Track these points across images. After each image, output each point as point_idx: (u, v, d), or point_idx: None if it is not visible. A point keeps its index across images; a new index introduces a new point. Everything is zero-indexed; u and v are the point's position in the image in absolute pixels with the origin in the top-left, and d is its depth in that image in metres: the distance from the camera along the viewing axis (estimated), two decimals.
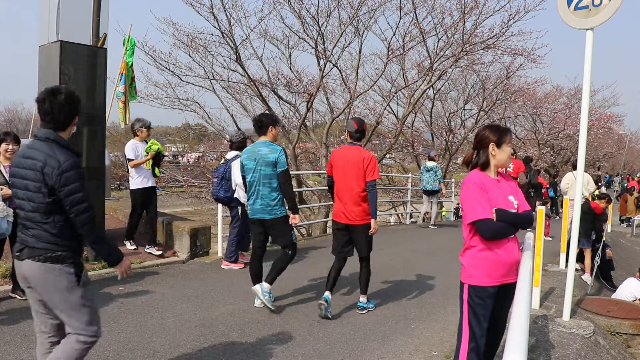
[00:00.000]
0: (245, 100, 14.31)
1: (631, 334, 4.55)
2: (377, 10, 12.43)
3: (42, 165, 2.31)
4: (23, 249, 2.40)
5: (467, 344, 2.64)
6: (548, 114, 20.37)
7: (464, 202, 2.64)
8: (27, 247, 2.38)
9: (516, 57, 14.43)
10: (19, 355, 3.41)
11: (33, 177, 2.33)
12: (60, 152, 2.37)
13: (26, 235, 2.40)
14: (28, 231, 2.39)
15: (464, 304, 2.67)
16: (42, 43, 6.32)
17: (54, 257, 2.36)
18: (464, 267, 2.70)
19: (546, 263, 6.66)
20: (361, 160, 4.35)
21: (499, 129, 2.75)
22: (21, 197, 2.40)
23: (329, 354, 3.64)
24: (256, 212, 4.50)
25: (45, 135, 2.40)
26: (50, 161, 2.31)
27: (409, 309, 4.80)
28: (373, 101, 17.43)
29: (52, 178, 2.30)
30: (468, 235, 2.68)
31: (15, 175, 2.41)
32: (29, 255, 2.36)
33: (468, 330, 2.64)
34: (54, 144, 2.39)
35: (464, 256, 2.72)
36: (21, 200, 2.40)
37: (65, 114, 2.44)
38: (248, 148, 4.60)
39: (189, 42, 12.25)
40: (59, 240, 2.37)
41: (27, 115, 35.65)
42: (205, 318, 4.29)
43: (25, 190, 2.37)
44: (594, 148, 28.41)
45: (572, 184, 9.50)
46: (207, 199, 13.95)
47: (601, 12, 3.90)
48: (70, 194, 2.33)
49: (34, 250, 2.36)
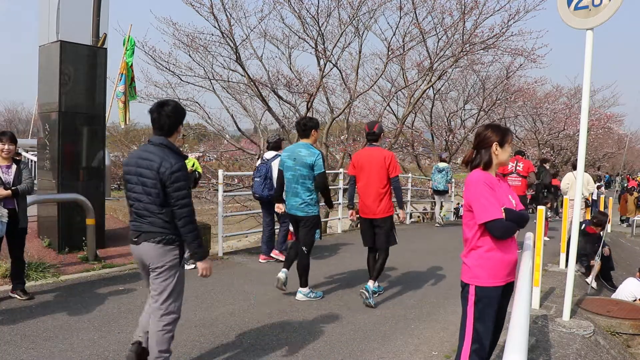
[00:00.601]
0: (245, 100, 14.31)
1: (631, 334, 4.55)
2: (377, 10, 12.43)
3: (158, 165, 2.79)
4: (139, 234, 2.90)
5: (470, 345, 2.62)
6: (548, 114, 20.37)
7: (474, 202, 2.60)
8: (143, 233, 2.88)
9: (516, 57, 14.44)
10: (19, 355, 3.41)
11: (150, 175, 2.81)
12: (171, 155, 2.86)
13: (141, 223, 2.89)
14: (144, 219, 2.88)
15: (470, 305, 2.64)
16: (42, 43, 6.32)
17: (165, 239, 2.88)
18: (469, 268, 2.67)
19: (546, 263, 6.66)
20: (383, 158, 4.80)
21: (500, 129, 2.75)
22: (138, 191, 2.87)
23: (329, 354, 3.63)
24: (291, 209, 4.85)
25: (159, 141, 2.90)
26: (165, 162, 2.80)
27: (409, 309, 4.79)
28: (373, 101, 17.46)
29: (165, 176, 2.78)
30: (474, 235, 2.65)
31: (131, 173, 2.90)
32: (146, 239, 2.87)
33: (472, 332, 2.62)
34: (166, 148, 2.89)
35: (469, 257, 2.68)
36: (138, 194, 2.87)
37: (171, 123, 2.91)
38: (290, 147, 4.93)
39: (189, 42, 12.25)
40: (169, 227, 2.87)
41: (27, 115, 35.66)
42: (205, 318, 4.29)
43: (143, 185, 2.84)
44: (594, 148, 28.41)
45: (572, 184, 9.50)
46: (207, 199, 13.94)
47: (601, 12, 3.90)
48: (177, 190, 2.81)
49: (149, 234, 2.87)
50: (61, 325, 3.97)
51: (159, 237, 2.86)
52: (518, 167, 8.07)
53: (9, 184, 4.40)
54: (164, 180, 2.79)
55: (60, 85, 5.96)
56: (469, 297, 2.66)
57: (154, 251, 2.87)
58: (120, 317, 4.23)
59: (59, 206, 6.02)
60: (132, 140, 32.73)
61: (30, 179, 4.55)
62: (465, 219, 2.73)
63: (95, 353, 3.48)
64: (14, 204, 4.43)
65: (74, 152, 6.12)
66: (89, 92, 6.26)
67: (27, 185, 4.49)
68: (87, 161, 6.25)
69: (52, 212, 6.13)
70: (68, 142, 6.05)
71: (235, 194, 13.03)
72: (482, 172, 2.71)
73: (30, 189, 4.54)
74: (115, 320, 4.14)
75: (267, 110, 13.32)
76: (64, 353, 3.47)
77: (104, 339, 3.73)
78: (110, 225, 7.38)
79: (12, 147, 4.46)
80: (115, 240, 6.80)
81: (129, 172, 2.92)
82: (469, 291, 2.65)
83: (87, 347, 3.57)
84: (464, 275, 2.71)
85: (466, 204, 2.71)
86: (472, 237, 2.67)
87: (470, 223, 2.68)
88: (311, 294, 4.95)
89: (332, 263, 6.65)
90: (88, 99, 6.25)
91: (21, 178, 4.48)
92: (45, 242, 6.20)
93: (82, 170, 6.19)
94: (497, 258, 2.62)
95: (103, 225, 6.50)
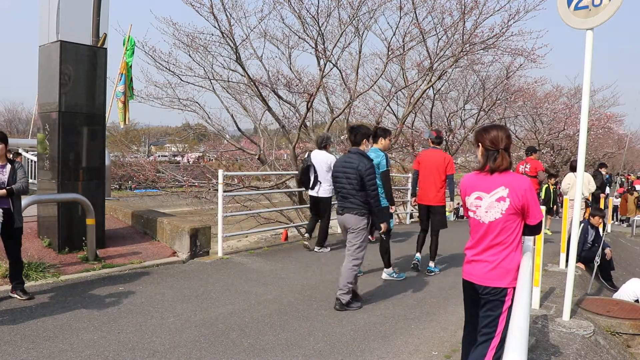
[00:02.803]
0: (245, 100, 14.29)
1: (631, 334, 4.55)
2: (377, 10, 12.40)
3: (357, 165, 4.49)
4: (344, 209, 4.61)
5: (498, 348, 2.59)
6: (548, 114, 20.34)
7: (534, 204, 2.64)
8: (346, 208, 4.58)
9: (516, 57, 14.41)
10: (19, 355, 3.41)
11: (352, 172, 4.50)
12: (364, 158, 4.57)
13: (344, 202, 4.60)
14: (346, 200, 4.58)
15: (505, 308, 2.61)
16: (42, 43, 6.32)
17: (360, 212, 4.54)
18: (509, 271, 2.63)
19: (546, 263, 6.66)
20: (442, 159, 6.18)
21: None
22: (344, 182, 4.56)
23: (329, 354, 3.63)
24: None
25: (355, 150, 4.67)
26: (361, 164, 4.49)
27: (409, 309, 4.79)
28: (373, 101, 17.43)
29: (362, 172, 4.45)
30: (515, 238, 2.65)
31: (339, 171, 4.62)
32: (348, 212, 4.57)
33: (500, 339, 2.59)
34: (360, 154, 4.61)
35: (507, 260, 2.64)
36: (343, 184, 4.57)
37: (360, 139, 4.72)
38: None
39: (189, 42, 12.23)
40: (362, 205, 4.53)
41: (27, 115, 35.63)
42: (205, 318, 4.29)
43: (347, 178, 4.53)
44: (594, 148, 28.37)
45: (572, 184, 9.52)
46: (207, 199, 13.93)
47: (601, 12, 3.90)
48: (370, 180, 4.47)
49: (350, 209, 4.55)
50: (61, 325, 3.98)
51: (355, 210, 4.53)
52: (526, 168, 8.80)
53: (3, 183, 4.40)
54: (362, 175, 4.44)
55: (60, 85, 5.96)
56: (506, 300, 2.62)
57: (353, 219, 4.55)
58: (120, 317, 4.23)
59: (58, 206, 6.02)
60: (132, 140, 32.71)
61: (25, 179, 4.54)
62: (506, 222, 2.65)
63: (95, 353, 3.48)
64: (9, 204, 4.43)
65: (74, 152, 6.12)
66: (89, 92, 6.26)
67: (22, 184, 4.48)
68: (87, 161, 6.24)
69: (52, 212, 6.13)
70: (68, 142, 6.05)
71: (235, 194, 13.02)
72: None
73: (26, 188, 4.53)
74: (115, 320, 4.14)
75: (267, 110, 13.31)
76: (64, 353, 3.47)
77: (104, 339, 3.73)
78: (110, 225, 7.38)
79: (0, 147, 4.42)
80: (115, 240, 6.80)
81: (338, 170, 4.64)
82: (508, 294, 2.62)
83: (87, 347, 3.57)
84: (500, 280, 2.65)
85: (517, 206, 2.62)
86: (514, 240, 2.66)
87: (513, 226, 2.66)
88: (394, 274, 5.86)
89: (331, 263, 6.65)
90: (88, 99, 6.25)
91: (16, 177, 4.47)
92: (45, 242, 6.20)
93: (82, 170, 6.19)
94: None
95: (103, 225, 6.50)
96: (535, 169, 8.77)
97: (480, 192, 2.71)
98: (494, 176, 2.67)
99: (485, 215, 2.69)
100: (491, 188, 2.66)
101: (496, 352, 2.59)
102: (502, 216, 2.64)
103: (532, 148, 9.35)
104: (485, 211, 2.69)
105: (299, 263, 6.61)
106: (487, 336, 2.65)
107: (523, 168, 8.86)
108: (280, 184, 14.04)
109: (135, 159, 17.60)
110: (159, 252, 6.46)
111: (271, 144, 15.97)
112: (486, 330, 2.66)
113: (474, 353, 2.71)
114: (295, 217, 15.52)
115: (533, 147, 9.63)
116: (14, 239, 4.58)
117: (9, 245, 4.58)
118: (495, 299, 2.64)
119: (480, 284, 2.69)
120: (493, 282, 2.65)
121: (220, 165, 18.39)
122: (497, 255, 2.66)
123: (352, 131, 4.83)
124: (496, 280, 2.64)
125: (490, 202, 2.66)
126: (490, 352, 2.61)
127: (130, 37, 7.21)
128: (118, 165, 16.66)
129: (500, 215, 2.64)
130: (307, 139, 15.40)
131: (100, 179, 6.42)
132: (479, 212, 2.72)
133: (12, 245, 4.60)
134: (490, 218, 2.67)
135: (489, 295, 2.66)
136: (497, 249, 2.66)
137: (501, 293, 2.63)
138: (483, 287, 2.68)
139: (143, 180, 14.81)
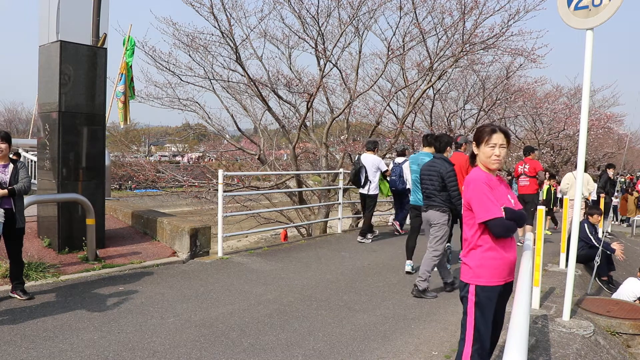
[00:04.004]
0: (245, 100, 14.30)
1: (631, 334, 4.55)
2: (377, 10, 12.41)
3: (439, 169, 5.12)
4: (428, 206, 5.22)
5: (472, 345, 2.62)
6: (548, 114, 20.33)
7: (474, 201, 2.61)
8: (430, 205, 5.19)
9: (516, 57, 14.39)
10: (19, 355, 3.41)
11: (435, 175, 5.14)
12: (446, 163, 5.17)
13: (428, 201, 5.22)
14: (430, 199, 5.20)
15: (470, 305, 2.65)
16: (42, 43, 6.32)
17: (441, 209, 5.16)
18: (470, 268, 2.67)
19: (546, 263, 6.66)
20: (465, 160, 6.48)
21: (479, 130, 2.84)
22: (429, 184, 5.19)
23: (329, 354, 3.63)
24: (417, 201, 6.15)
25: (439, 156, 5.28)
26: (442, 168, 5.11)
27: (409, 309, 4.80)
28: (373, 101, 17.42)
29: (444, 174, 5.08)
30: (474, 235, 2.66)
31: (425, 174, 5.25)
32: (432, 209, 5.18)
33: (473, 332, 2.62)
34: (443, 160, 5.23)
35: (469, 256, 2.69)
36: (428, 185, 5.20)
37: (443, 147, 5.38)
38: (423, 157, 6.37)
39: (189, 42, 12.24)
40: (444, 203, 5.14)
41: (27, 115, 35.68)
42: (205, 318, 4.29)
43: (431, 180, 5.16)
44: (594, 148, 28.36)
45: (572, 184, 9.52)
46: (207, 199, 13.93)
47: (601, 12, 3.90)
48: (451, 182, 5.07)
49: (434, 206, 5.17)
50: (61, 325, 3.98)
51: (438, 207, 5.15)
52: (525, 169, 8.76)
53: (5, 183, 4.40)
54: (443, 177, 5.07)
55: (60, 85, 5.96)
56: (469, 297, 2.66)
57: (436, 215, 5.17)
58: (120, 317, 4.23)
59: (58, 206, 6.02)
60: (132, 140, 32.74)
61: (27, 179, 4.54)
62: (465, 219, 2.73)
63: (95, 353, 3.48)
64: (10, 204, 4.42)
65: (74, 152, 6.12)
66: (89, 92, 6.26)
67: (24, 184, 4.48)
68: (87, 161, 6.24)
69: (52, 212, 6.13)
70: (68, 142, 6.05)
71: (235, 194, 13.02)
72: (481, 171, 2.71)
73: (27, 188, 4.53)
74: (115, 320, 4.14)
75: (267, 110, 13.31)
76: (64, 353, 3.47)
77: (104, 339, 3.74)
78: (110, 225, 7.38)
79: (4, 146, 4.43)
80: (116, 240, 6.81)
81: (424, 173, 5.26)
82: (470, 291, 2.65)
83: (87, 347, 3.57)
84: (463, 275, 2.71)
85: (465, 203, 2.70)
86: (472, 236, 2.67)
87: (470, 222, 2.68)
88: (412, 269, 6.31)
89: (331, 263, 6.66)
90: (88, 99, 6.25)
91: (18, 177, 4.47)
92: (45, 242, 6.20)
93: (82, 170, 6.19)
94: (498, 257, 2.62)
95: (103, 225, 6.50)
96: (534, 169, 8.71)
97: None
98: None
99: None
100: None
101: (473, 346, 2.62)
102: (464, 212, 2.74)
103: (530, 148, 9.31)
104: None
105: (299, 263, 6.62)
106: (462, 334, 2.70)
107: (522, 168, 8.80)
108: (280, 184, 14.05)
109: (135, 159, 17.60)
110: (159, 252, 6.46)
111: (271, 144, 15.98)
112: (462, 328, 2.73)
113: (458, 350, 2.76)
114: (295, 217, 15.53)
115: (531, 146, 9.59)
116: (16, 239, 4.58)
117: (10, 246, 4.57)
118: (463, 294, 2.71)
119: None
120: (461, 276, 2.75)
121: (220, 165, 18.40)
122: (463, 252, 2.76)
123: (437, 139, 5.49)
124: (462, 275, 2.74)
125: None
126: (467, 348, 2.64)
127: (130, 37, 7.21)
128: (118, 165, 16.67)
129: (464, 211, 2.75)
130: (307, 139, 15.41)
131: (100, 179, 6.42)
132: None
133: (13, 245, 4.59)
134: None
135: (460, 290, 2.77)
136: (465, 244, 2.75)
137: (465, 288, 2.69)
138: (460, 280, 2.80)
139: (143, 180, 14.81)
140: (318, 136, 14.44)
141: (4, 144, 4.44)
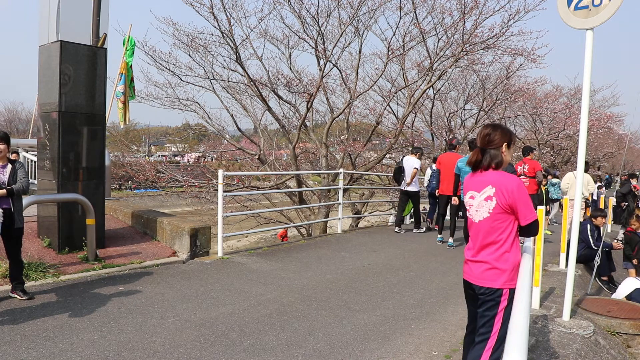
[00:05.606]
0: (245, 100, 14.30)
1: (631, 334, 4.55)
2: (377, 10, 12.41)
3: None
4: None
5: (494, 349, 2.57)
6: (548, 114, 20.34)
7: (523, 202, 2.57)
8: None
9: (516, 57, 14.41)
10: (19, 355, 3.41)
11: None
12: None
13: None
14: None
15: (501, 309, 2.59)
16: (42, 43, 6.32)
17: None
18: (502, 272, 2.61)
19: (546, 263, 6.66)
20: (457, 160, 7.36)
21: (508, 131, 2.77)
22: None
23: (329, 354, 3.63)
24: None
25: None
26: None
27: (409, 309, 4.80)
28: (373, 101, 17.42)
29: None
30: (507, 238, 2.62)
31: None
32: None
33: (496, 340, 2.58)
34: None
35: (502, 260, 2.62)
36: None
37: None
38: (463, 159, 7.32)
39: (189, 42, 12.24)
40: None
41: (27, 115, 35.63)
42: (205, 318, 4.29)
43: None
44: (594, 148, 28.38)
45: (572, 184, 9.53)
46: (207, 199, 13.93)
47: (601, 12, 3.90)
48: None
49: None
50: (61, 325, 3.98)
51: None
52: (524, 169, 8.92)
53: (3, 183, 4.40)
54: None
55: (60, 85, 5.96)
56: (501, 301, 2.60)
57: None
58: (120, 317, 4.23)
59: (58, 206, 6.02)
60: (132, 140, 32.76)
61: (26, 179, 4.54)
62: (494, 222, 2.63)
63: (95, 353, 3.48)
64: (9, 204, 4.43)
65: (74, 152, 6.12)
66: (89, 92, 6.26)
67: (23, 184, 4.48)
68: (87, 161, 6.24)
69: (52, 212, 6.13)
70: (68, 142, 6.05)
71: (235, 194, 13.02)
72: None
73: (26, 188, 4.53)
74: (115, 320, 4.14)
75: (267, 110, 13.31)
76: (64, 353, 3.47)
77: (104, 339, 3.74)
78: (110, 225, 7.38)
79: (2, 147, 4.43)
80: (116, 240, 6.81)
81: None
82: (503, 295, 2.60)
83: (87, 347, 3.57)
84: (493, 281, 2.63)
85: (505, 206, 2.60)
86: (506, 240, 2.63)
87: (503, 225, 2.62)
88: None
89: (331, 263, 6.66)
90: (88, 99, 6.25)
91: (16, 177, 4.47)
92: (45, 242, 6.20)
93: (82, 170, 6.19)
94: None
95: (103, 225, 6.50)
96: (533, 169, 8.78)
97: (473, 192, 2.72)
98: (484, 175, 2.68)
99: (476, 214, 2.70)
100: (481, 187, 2.67)
101: (493, 353, 2.58)
102: (489, 215, 2.64)
103: (529, 148, 9.34)
104: (476, 210, 2.70)
105: (299, 263, 6.62)
106: (483, 336, 2.65)
107: (521, 169, 8.87)
108: (280, 184, 14.05)
109: (135, 159, 17.60)
110: (159, 252, 6.46)
111: (271, 144, 15.98)
112: (483, 330, 2.66)
113: (471, 353, 2.71)
114: (296, 217, 15.53)
115: (530, 146, 9.60)
116: (15, 239, 4.58)
117: (9, 246, 4.57)
118: (491, 299, 2.63)
119: (477, 284, 2.69)
120: (487, 282, 2.65)
121: (220, 165, 18.41)
122: (491, 256, 2.65)
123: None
124: (490, 280, 2.64)
125: (480, 201, 2.67)
126: (486, 353, 2.60)
127: (130, 37, 7.21)
128: (118, 165, 16.66)
129: (487, 214, 2.64)
130: (307, 139, 15.41)
131: (100, 179, 6.42)
132: (471, 211, 2.74)
133: (13, 245, 4.59)
134: (479, 217, 2.68)
135: (485, 296, 2.66)
136: (491, 248, 2.65)
137: (495, 294, 2.62)
138: (479, 287, 2.68)
139: (143, 180, 14.81)
140: (318, 136, 14.45)
141: (2, 145, 4.44)
